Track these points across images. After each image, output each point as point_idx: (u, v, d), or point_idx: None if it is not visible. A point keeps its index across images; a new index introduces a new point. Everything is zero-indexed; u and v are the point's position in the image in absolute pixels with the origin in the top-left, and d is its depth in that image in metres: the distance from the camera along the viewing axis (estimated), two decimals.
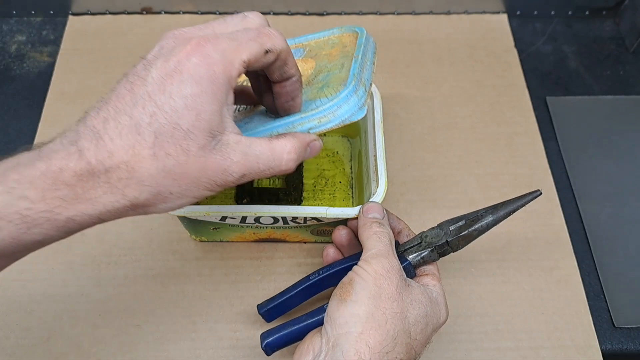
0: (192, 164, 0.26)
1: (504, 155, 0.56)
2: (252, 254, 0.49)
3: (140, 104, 0.26)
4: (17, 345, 0.44)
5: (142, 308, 0.46)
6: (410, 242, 0.41)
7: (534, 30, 0.67)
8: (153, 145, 0.25)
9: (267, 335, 0.38)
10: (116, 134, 0.25)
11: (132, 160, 0.25)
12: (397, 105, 0.59)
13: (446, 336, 0.45)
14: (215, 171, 0.27)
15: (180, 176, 0.27)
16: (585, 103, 0.61)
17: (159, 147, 0.25)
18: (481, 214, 0.40)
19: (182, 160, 0.26)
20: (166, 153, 0.26)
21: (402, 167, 0.55)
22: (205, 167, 0.27)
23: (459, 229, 0.39)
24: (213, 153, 0.27)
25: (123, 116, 0.26)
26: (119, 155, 0.25)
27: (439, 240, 0.39)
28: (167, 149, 0.26)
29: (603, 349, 0.46)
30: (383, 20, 0.67)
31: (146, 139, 0.25)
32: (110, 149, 0.25)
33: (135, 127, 0.25)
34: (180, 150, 0.26)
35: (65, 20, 0.65)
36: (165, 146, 0.26)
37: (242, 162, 0.28)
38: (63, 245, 0.48)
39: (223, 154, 0.27)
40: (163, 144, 0.25)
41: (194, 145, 0.26)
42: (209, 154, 0.27)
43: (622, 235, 0.52)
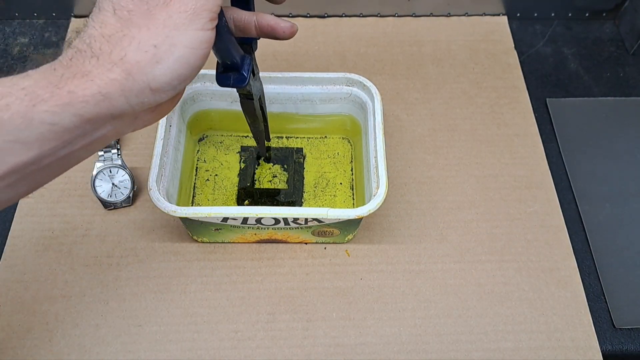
0: (154, 7, 0.28)
1: (504, 157, 0.56)
2: (253, 255, 0.49)
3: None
4: (19, 346, 0.44)
5: (144, 308, 0.46)
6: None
7: (534, 32, 0.68)
8: (114, 10, 0.28)
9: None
10: (89, 22, 0.28)
11: (103, 29, 0.28)
12: (398, 106, 0.60)
13: (446, 337, 0.46)
14: (180, 1, 0.28)
15: (151, 22, 0.28)
16: (585, 105, 0.61)
17: (119, 8, 0.28)
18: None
19: (144, 9, 0.28)
20: (127, 10, 0.28)
21: (403, 168, 0.55)
22: (167, 3, 0.28)
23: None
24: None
25: (93, 10, 0.29)
26: (93, 31, 0.28)
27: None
28: (125, 6, 0.28)
29: (603, 349, 0.46)
30: (383, 22, 0.67)
31: (107, 9, 0.28)
32: (87, 32, 0.28)
33: (97, 8, 0.28)
34: (138, 1, 0.28)
35: (67, 23, 0.66)
36: (123, 4, 0.28)
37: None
38: (65, 246, 0.49)
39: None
40: (121, 4, 0.28)
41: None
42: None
43: (622, 236, 0.52)
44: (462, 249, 0.50)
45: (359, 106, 0.51)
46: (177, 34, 0.28)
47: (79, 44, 0.27)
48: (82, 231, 0.50)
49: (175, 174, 0.47)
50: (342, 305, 0.47)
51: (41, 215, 0.51)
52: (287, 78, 0.50)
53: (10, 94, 0.25)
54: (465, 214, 0.52)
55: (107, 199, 0.50)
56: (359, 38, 0.65)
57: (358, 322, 0.46)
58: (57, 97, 0.25)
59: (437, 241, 0.51)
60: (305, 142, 0.55)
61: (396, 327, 0.46)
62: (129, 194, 0.50)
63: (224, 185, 0.52)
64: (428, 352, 0.45)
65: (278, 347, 0.45)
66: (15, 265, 0.48)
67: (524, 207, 0.53)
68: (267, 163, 0.54)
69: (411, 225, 0.51)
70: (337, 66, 0.63)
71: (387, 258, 0.49)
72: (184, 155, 0.50)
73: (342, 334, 0.46)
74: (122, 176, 0.50)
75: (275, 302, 0.47)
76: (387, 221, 0.51)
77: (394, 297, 0.47)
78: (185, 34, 0.28)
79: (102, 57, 0.27)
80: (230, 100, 0.52)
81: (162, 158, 0.44)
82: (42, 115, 0.25)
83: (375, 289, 0.48)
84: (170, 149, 0.46)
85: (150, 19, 0.28)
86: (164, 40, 0.27)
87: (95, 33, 0.27)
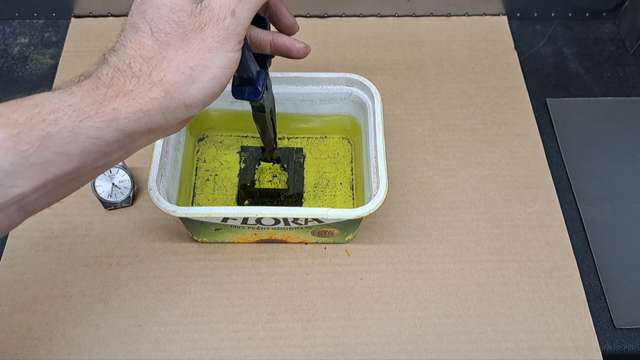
0: (190, 31, 0.30)
1: (504, 157, 0.56)
2: (254, 255, 0.49)
3: (135, 14, 0.31)
4: (19, 346, 0.44)
5: (144, 308, 0.46)
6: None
7: (534, 32, 0.68)
8: (151, 32, 0.30)
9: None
10: (125, 41, 0.30)
11: (142, 50, 0.30)
12: (398, 106, 0.60)
13: (446, 337, 0.46)
14: (213, 26, 0.30)
15: (187, 45, 0.30)
16: (586, 104, 0.61)
17: (156, 30, 0.30)
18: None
19: (180, 32, 0.30)
20: (165, 33, 0.30)
21: (403, 168, 0.55)
22: (201, 27, 0.30)
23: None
24: (202, 14, 0.30)
25: (127, 28, 0.31)
26: (132, 51, 0.30)
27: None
28: (163, 29, 0.30)
29: (603, 349, 0.46)
30: (384, 22, 0.67)
31: (145, 30, 0.30)
32: (125, 51, 0.30)
33: (134, 28, 0.30)
34: (175, 24, 0.30)
35: (67, 23, 0.66)
36: (160, 27, 0.30)
37: (226, 4, 0.31)
38: (65, 246, 0.49)
39: (210, 10, 0.30)
40: (158, 27, 0.30)
41: (184, 15, 0.30)
42: (199, 16, 0.30)
43: (622, 236, 0.52)
44: (462, 249, 0.50)
45: (359, 106, 0.51)
46: (210, 56, 0.30)
47: (118, 63, 0.29)
48: (82, 231, 0.50)
49: (175, 174, 0.47)
50: (342, 305, 0.47)
51: (41, 215, 0.50)
52: (287, 78, 0.50)
53: (59, 110, 0.27)
54: (465, 214, 0.52)
55: (107, 199, 0.50)
56: (359, 38, 0.65)
57: (358, 322, 0.46)
58: (102, 114, 0.28)
59: (437, 241, 0.51)
60: (305, 142, 0.55)
61: (396, 327, 0.46)
62: (129, 194, 0.50)
63: (224, 185, 0.52)
64: (428, 352, 0.45)
65: (278, 347, 0.45)
66: (15, 265, 0.48)
67: (524, 207, 0.53)
68: (267, 163, 0.54)
69: (411, 225, 0.52)
70: (337, 66, 0.63)
71: (387, 258, 0.49)
72: (184, 155, 0.50)
73: (342, 334, 0.46)
74: (122, 176, 0.50)
75: (276, 302, 0.47)
76: (387, 221, 0.51)
77: (394, 297, 0.47)
78: (217, 55, 0.30)
79: (142, 77, 0.29)
80: (231, 101, 0.52)
81: (162, 158, 0.44)
82: (88, 130, 0.27)
83: (375, 289, 0.48)
84: (170, 149, 0.46)
85: (186, 42, 0.30)
86: (199, 62, 0.30)
87: (135, 54, 0.30)
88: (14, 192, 0.27)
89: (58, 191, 0.29)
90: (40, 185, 0.27)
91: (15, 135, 0.26)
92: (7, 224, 0.28)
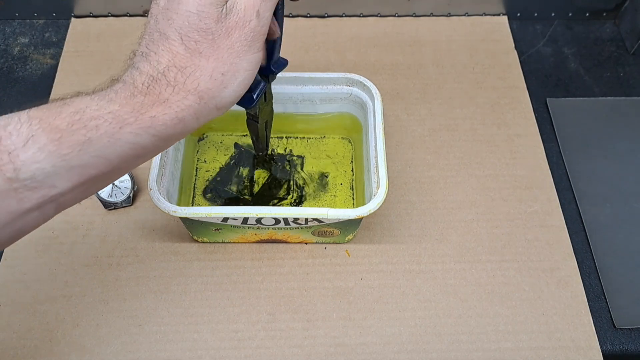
0: (219, 37, 0.30)
1: (505, 157, 0.56)
2: (254, 255, 0.49)
3: (160, 20, 0.31)
4: (20, 346, 0.44)
5: (144, 308, 0.46)
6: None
7: (534, 32, 0.68)
8: (181, 40, 0.30)
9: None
10: (156, 48, 0.31)
11: (175, 59, 0.30)
12: (398, 106, 0.59)
13: (447, 337, 0.46)
14: (240, 30, 0.31)
15: (217, 52, 0.30)
16: (586, 104, 0.61)
17: (186, 38, 0.30)
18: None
19: (209, 39, 0.30)
20: (195, 41, 0.30)
21: (403, 168, 0.55)
22: (229, 32, 0.31)
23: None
24: (228, 18, 0.31)
25: (154, 34, 0.31)
26: (165, 59, 0.30)
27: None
28: (192, 37, 0.30)
29: (603, 349, 0.46)
30: (384, 22, 0.67)
31: (174, 38, 0.30)
32: (157, 59, 0.30)
33: (163, 36, 0.31)
34: (203, 32, 0.30)
35: (67, 23, 0.66)
36: (190, 36, 0.30)
37: (250, 5, 0.31)
38: (65, 246, 0.49)
39: (236, 13, 0.31)
40: (188, 35, 0.30)
41: (211, 21, 0.30)
42: (225, 20, 0.31)
43: (623, 236, 0.52)
44: (463, 248, 0.50)
45: (359, 106, 0.51)
46: (239, 61, 0.31)
47: (152, 72, 0.30)
48: (83, 231, 0.50)
49: (175, 174, 0.47)
50: (342, 305, 0.47)
51: None
52: (288, 78, 0.50)
53: (100, 117, 0.28)
54: (465, 213, 0.52)
55: (107, 199, 0.50)
56: (359, 38, 0.65)
57: (358, 322, 0.46)
58: (141, 122, 0.29)
59: (438, 241, 0.51)
60: (305, 142, 0.55)
61: (396, 327, 0.46)
62: (129, 194, 0.50)
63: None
64: (428, 352, 0.45)
65: (278, 347, 0.45)
66: (15, 265, 0.48)
67: (524, 207, 0.53)
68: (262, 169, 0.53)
69: (411, 225, 0.51)
70: (337, 66, 0.63)
71: (388, 258, 0.49)
72: (184, 155, 0.50)
73: (343, 334, 0.46)
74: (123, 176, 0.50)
75: (276, 302, 0.47)
76: (388, 221, 0.51)
77: (395, 297, 0.47)
78: (245, 59, 0.31)
79: (178, 86, 0.30)
80: None
81: (162, 158, 0.44)
82: (127, 136, 0.29)
83: (375, 289, 0.48)
84: (170, 149, 0.46)
85: (216, 49, 0.30)
86: (230, 68, 0.31)
87: (169, 63, 0.30)
88: (52, 192, 0.28)
89: (92, 189, 0.31)
90: (77, 185, 0.29)
91: (57, 139, 0.27)
92: (43, 219, 0.30)
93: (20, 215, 0.28)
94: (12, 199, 0.27)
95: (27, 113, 0.28)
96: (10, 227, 0.28)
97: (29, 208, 0.28)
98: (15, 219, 0.28)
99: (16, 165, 0.27)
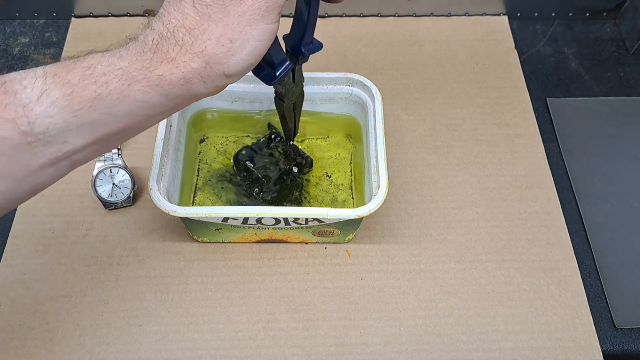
0: (230, 3, 0.31)
1: (505, 157, 0.56)
2: (254, 255, 0.49)
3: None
4: (20, 346, 0.44)
5: (144, 308, 0.46)
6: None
7: (535, 31, 0.68)
8: (193, 3, 0.31)
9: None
10: (170, 9, 0.31)
11: (185, 20, 0.31)
12: (398, 106, 0.59)
13: (447, 337, 0.46)
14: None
15: (227, 18, 0.31)
16: (586, 104, 0.61)
17: (198, 1, 0.31)
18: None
19: (220, 4, 0.31)
20: (206, 4, 0.31)
21: (403, 168, 0.55)
22: (241, 0, 0.31)
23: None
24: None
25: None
26: (175, 20, 0.31)
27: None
28: (204, 0, 0.30)
29: (604, 349, 0.46)
30: (384, 22, 0.67)
31: (187, 0, 0.31)
32: (169, 18, 0.31)
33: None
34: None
35: (68, 23, 0.66)
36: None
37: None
38: (66, 246, 0.49)
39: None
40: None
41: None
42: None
43: (623, 235, 0.52)
44: (463, 248, 0.50)
45: (360, 106, 0.51)
46: (250, 30, 0.31)
47: (163, 30, 0.31)
48: (83, 231, 0.50)
49: (176, 174, 0.47)
50: (342, 305, 0.47)
51: (41, 215, 0.51)
52: None
53: (110, 73, 0.29)
54: (465, 213, 0.52)
55: (107, 199, 0.50)
56: (359, 38, 0.65)
57: (358, 322, 0.46)
58: (149, 79, 0.29)
59: (438, 241, 0.51)
60: (306, 142, 0.55)
61: (397, 327, 0.46)
62: (129, 193, 0.50)
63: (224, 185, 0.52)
64: (429, 352, 0.45)
65: (278, 347, 0.45)
66: (15, 265, 0.48)
67: (524, 207, 0.53)
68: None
69: (412, 225, 0.51)
70: (338, 66, 0.63)
71: (388, 258, 0.49)
72: (185, 155, 0.50)
73: (343, 333, 0.46)
74: (123, 176, 0.50)
75: (276, 302, 0.47)
76: (388, 221, 0.51)
77: (395, 297, 0.47)
78: (256, 29, 0.31)
79: (185, 47, 0.30)
80: (231, 100, 0.52)
81: (163, 158, 0.44)
82: (135, 94, 0.29)
83: (375, 289, 0.48)
84: (170, 148, 0.46)
85: (226, 15, 0.31)
86: (239, 35, 0.31)
87: (178, 23, 0.31)
88: (65, 148, 0.29)
89: (104, 148, 0.31)
90: (89, 143, 0.29)
91: (68, 94, 0.28)
92: (57, 176, 0.30)
93: (35, 171, 0.29)
94: (27, 153, 0.28)
95: (43, 68, 0.28)
96: (26, 182, 0.29)
97: (43, 163, 0.29)
98: (30, 174, 0.29)
99: (30, 119, 0.27)
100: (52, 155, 0.28)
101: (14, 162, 0.28)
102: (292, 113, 0.47)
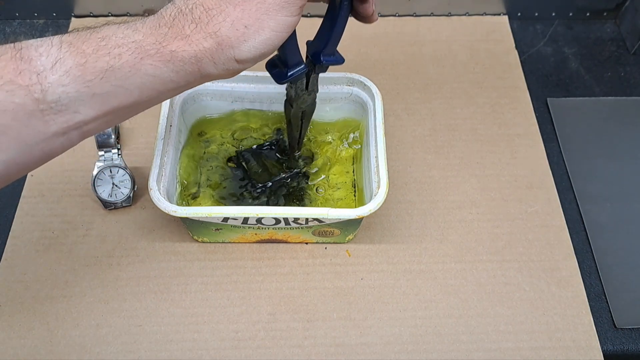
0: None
1: (505, 157, 0.56)
2: (254, 255, 0.49)
3: None
4: (20, 346, 0.44)
5: (144, 308, 0.46)
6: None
7: (535, 31, 0.68)
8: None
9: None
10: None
11: (205, 0, 0.31)
12: (398, 106, 0.59)
13: (447, 337, 0.46)
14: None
15: (245, 3, 0.30)
16: (586, 104, 0.61)
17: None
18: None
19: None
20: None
21: (403, 168, 0.55)
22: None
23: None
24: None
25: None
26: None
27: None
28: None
29: (604, 349, 0.46)
30: (384, 22, 0.67)
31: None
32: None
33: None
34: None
35: (67, 22, 0.66)
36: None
37: None
38: (65, 246, 0.49)
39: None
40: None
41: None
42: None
43: (623, 236, 0.52)
44: (463, 248, 0.50)
45: (360, 106, 0.51)
46: (267, 18, 0.31)
47: (182, 5, 0.31)
48: (83, 231, 0.50)
49: (175, 174, 0.47)
50: (342, 305, 0.47)
51: (41, 215, 0.51)
52: None
53: (124, 45, 0.29)
54: (466, 213, 0.52)
55: (107, 199, 0.50)
56: (359, 38, 0.65)
57: (359, 322, 0.46)
58: (161, 54, 0.30)
59: (438, 241, 0.50)
60: (306, 142, 0.55)
61: (397, 327, 0.46)
62: (129, 193, 0.50)
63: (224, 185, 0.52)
64: (429, 352, 0.45)
65: (278, 347, 0.45)
66: (15, 265, 0.48)
67: (524, 207, 0.53)
68: None
69: (412, 225, 0.51)
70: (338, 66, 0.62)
71: (388, 258, 0.49)
72: (185, 155, 0.50)
73: (343, 334, 0.46)
74: (123, 176, 0.50)
75: (276, 302, 0.47)
76: (388, 221, 0.51)
77: (395, 297, 0.47)
78: (274, 18, 0.31)
79: (200, 25, 0.30)
80: (231, 100, 0.52)
81: (163, 158, 0.44)
82: (147, 68, 0.29)
83: (375, 289, 0.48)
84: (170, 148, 0.46)
85: (246, 0, 0.31)
86: (254, 22, 0.31)
87: (197, 1, 0.31)
88: (76, 118, 0.29)
89: (115, 120, 0.31)
90: (100, 115, 0.30)
91: (82, 64, 0.28)
92: (68, 145, 0.31)
93: (47, 138, 0.29)
94: (39, 119, 0.28)
95: (60, 37, 0.29)
96: (38, 149, 0.29)
97: (54, 132, 0.29)
98: (42, 141, 0.29)
99: (44, 87, 0.27)
100: (63, 125, 0.29)
101: (27, 128, 0.28)
102: (299, 121, 0.47)
